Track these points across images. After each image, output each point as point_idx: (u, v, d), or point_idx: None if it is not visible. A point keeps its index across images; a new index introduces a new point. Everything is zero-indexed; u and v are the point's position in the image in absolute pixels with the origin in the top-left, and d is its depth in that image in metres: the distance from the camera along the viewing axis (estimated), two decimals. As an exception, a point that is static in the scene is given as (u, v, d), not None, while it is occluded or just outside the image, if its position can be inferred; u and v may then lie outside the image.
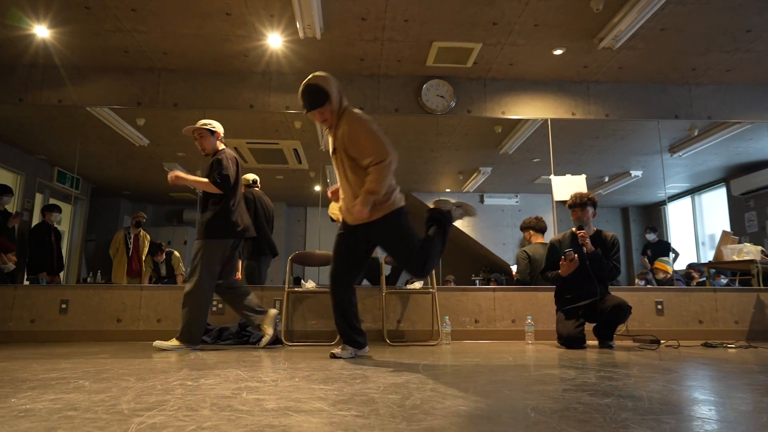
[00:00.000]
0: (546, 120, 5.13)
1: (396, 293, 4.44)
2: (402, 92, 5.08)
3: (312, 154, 5.51)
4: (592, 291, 3.69)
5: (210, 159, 3.57)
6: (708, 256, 5.81)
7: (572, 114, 5.15)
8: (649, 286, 5.02)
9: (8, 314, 4.29)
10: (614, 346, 3.69)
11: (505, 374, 2.12)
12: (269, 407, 1.39)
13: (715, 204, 6.00)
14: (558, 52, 4.68)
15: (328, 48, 4.59)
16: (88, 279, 5.18)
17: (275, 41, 4.49)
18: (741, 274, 5.17)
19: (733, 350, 3.48)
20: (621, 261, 3.81)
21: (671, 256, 5.48)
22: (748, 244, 4.76)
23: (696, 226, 6.06)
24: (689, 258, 5.88)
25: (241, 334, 3.98)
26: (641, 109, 5.17)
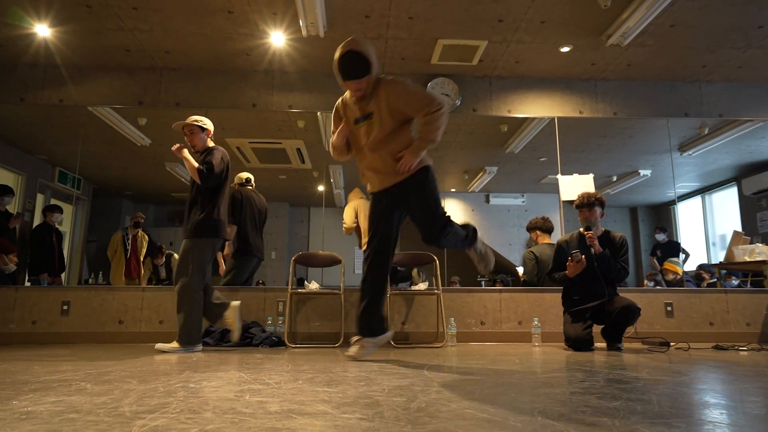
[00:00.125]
0: (553, 118, 5.07)
1: (401, 295, 4.40)
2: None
3: (315, 154, 5.47)
4: (600, 292, 3.66)
5: (199, 156, 3.55)
6: (719, 257, 5.75)
7: (579, 112, 5.09)
8: (659, 288, 4.96)
9: (9, 316, 4.28)
10: (623, 349, 3.66)
11: (512, 377, 2.11)
12: (272, 410, 1.39)
13: (726, 203, 5.92)
14: (565, 50, 4.62)
15: (332, 46, 4.55)
16: (90, 280, 5.16)
17: (278, 39, 4.45)
18: (753, 275, 5.13)
19: (745, 353, 3.44)
20: (630, 262, 3.77)
21: (681, 257, 5.41)
22: (760, 245, 4.70)
23: (706, 226, 5.99)
24: (699, 259, 5.82)
25: (244, 336, 3.95)
26: (650, 107, 5.10)
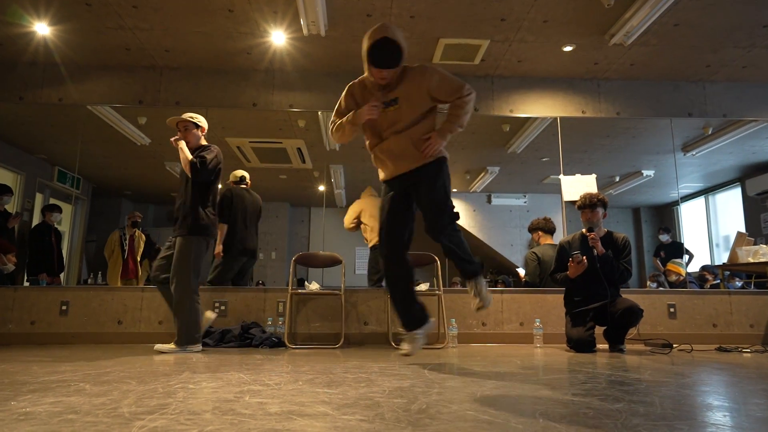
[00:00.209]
0: (555, 118, 5.04)
1: (401, 295, 4.36)
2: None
3: (316, 154, 5.45)
4: (603, 294, 3.64)
5: (193, 152, 3.54)
6: (722, 258, 5.73)
7: (582, 112, 5.06)
8: (662, 289, 4.94)
9: (8, 316, 4.26)
10: (625, 350, 3.64)
11: (513, 378, 2.11)
12: (272, 411, 1.39)
13: (730, 204, 5.90)
14: (568, 49, 4.59)
15: (333, 45, 4.53)
16: (89, 280, 5.15)
17: (279, 38, 4.43)
18: (756, 277, 5.11)
19: (749, 355, 3.42)
20: (632, 263, 3.74)
21: (686, 258, 5.39)
22: (764, 246, 4.67)
23: (710, 227, 5.96)
24: (703, 260, 5.80)
25: (244, 337, 3.94)
26: (653, 107, 5.07)
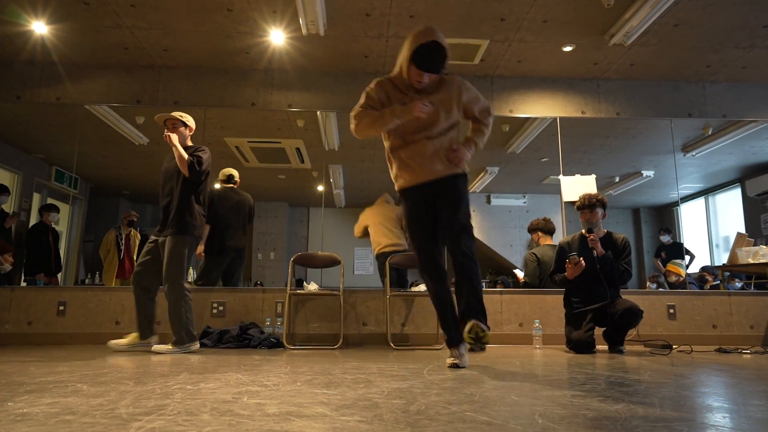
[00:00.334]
0: (555, 118, 5.03)
1: (401, 296, 4.36)
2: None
3: (315, 154, 5.44)
4: (602, 294, 3.63)
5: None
6: (722, 259, 5.73)
7: (582, 112, 5.05)
8: (661, 290, 4.93)
9: (5, 316, 4.24)
10: (625, 351, 3.63)
11: (512, 379, 2.10)
12: (270, 412, 1.38)
13: (730, 205, 5.90)
14: (567, 49, 4.59)
15: (332, 45, 4.51)
16: (87, 280, 5.14)
17: (278, 38, 4.41)
18: (756, 278, 5.11)
19: (748, 356, 3.41)
20: (632, 264, 3.73)
21: (687, 259, 5.39)
22: (764, 247, 4.66)
23: (710, 228, 5.96)
24: (703, 260, 5.81)
25: (242, 337, 3.92)
26: (653, 108, 5.07)
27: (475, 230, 5.41)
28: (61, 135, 4.98)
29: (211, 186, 4.58)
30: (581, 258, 3.61)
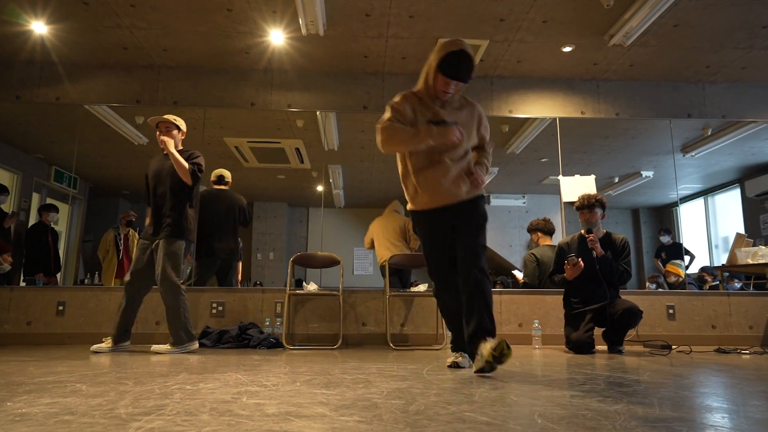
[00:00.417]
0: (554, 119, 5.03)
1: (400, 296, 4.36)
2: (407, 90, 4.98)
3: (314, 154, 5.44)
4: (602, 295, 3.63)
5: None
6: (721, 259, 5.73)
7: (581, 113, 5.05)
8: (661, 290, 4.93)
9: (4, 316, 4.24)
10: (624, 352, 3.64)
11: (512, 380, 2.10)
12: (270, 412, 1.38)
13: (729, 205, 5.90)
14: (567, 49, 4.58)
15: (332, 45, 4.51)
16: (86, 280, 5.12)
17: (277, 38, 4.41)
18: (755, 278, 5.10)
19: (747, 356, 3.41)
20: (632, 264, 3.73)
21: (687, 259, 5.38)
22: (763, 247, 4.66)
23: (709, 228, 5.96)
24: (702, 261, 5.80)
25: (242, 338, 3.92)
26: (653, 108, 5.07)
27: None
28: (61, 135, 4.97)
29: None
30: (580, 259, 3.61)
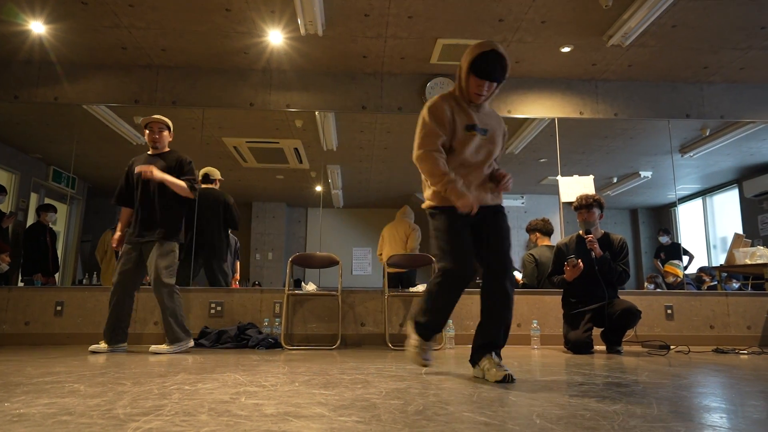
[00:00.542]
0: (553, 119, 5.03)
1: (398, 296, 4.36)
2: (405, 90, 4.99)
3: (313, 154, 5.44)
4: (600, 295, 3.64)
5: (162, 154, 3.63)
6: (719, 260, 5.74)
7: (580, 113, 5.05)
8: (659, 290, 4.93)
9: (2, 316, 4.23)
10: (623, 352, 3.64)
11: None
12: (268, 412, 1.38)
13: (727, 206, 5.91)
14: (566, 50, 4.59)
15: (330, 45, 4.51)
16: (84, 281, 5.11)
17: (276, 38, 4.41)
18: (753, 278, 5.11)
19: (746, 356, 3.42)
20: (630, 264, 3.73)
21: (686, 259, 5.39)
22: (761, 247, 4.67)
23: (707, 229, 5.97)
24: (700, 261, 5.81)
25: (240, 338, 3.92)
26: (651, 108, 5.07)
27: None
28: (59, 135, 4.97)
29: None
30: (580, 260, 3.62)
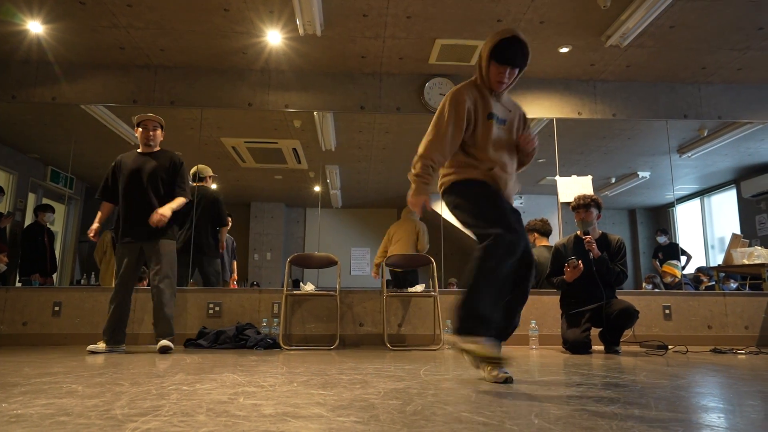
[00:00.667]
0: (551, 119, 5.04)
1: (397, 296, 4.36)
2: (404, 91, 4.99)
3: (311, 154, 5.43)
4: (598, 295, 3.64)
5: (154, 153, 3.68)
6: (717, 260, 5.74)
7: (578, 113, 5.06)
8: (657, 290, 4.94)
9: (0, 317, 4.21)
10: (621, 352, 3.64)
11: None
12: (267, 413, 1.37)
13: (725, 206, 5.92)
14: (564, 50, 4.59)
15: (329, 45, 4.51)
16: (82, 281, 5.10)
17: (274, 38, 4.40)
18: (751, 278, 5.12)
19: (743, 356, 3.42)
20: (628, 264, 3.74)
21: (684, 260, 5.40)
22: (759, 248, 4.68)
23: (705, 229, 5.98)
24: (698, 261, 5.82)
25: (239, 338, 3.91)
26: (649, 109, 5.08)
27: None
28: (57, 135, 4.96)
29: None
30: (580, 261, 3.62)
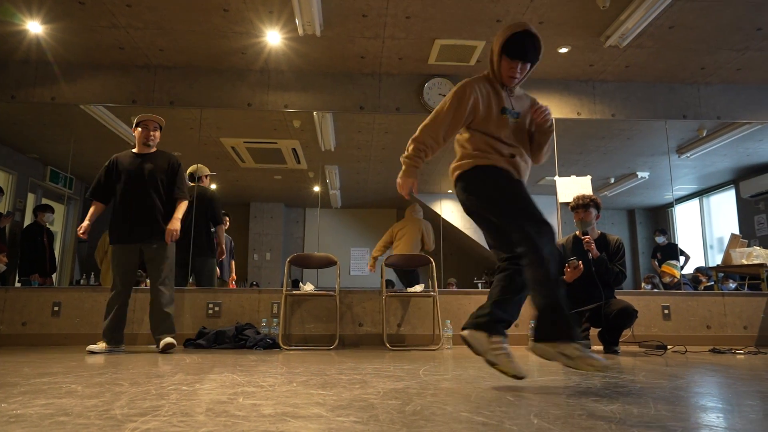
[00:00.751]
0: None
1: (397, 296, 4.36)
2: (403, 91, 4.99)
3: (311, 154, 5.44)
4: (597, 295, 3.64)
5: (151, 154, 3.70)
6: (716, 260, 5.75)
7: (577, 114, 5.06)
8: (656, 290, 4.94)
9: (-1, 317, 4.22)
10: (620, 352, 3.65)
11: (508, 380, 2.10)
12: (266, 413, 1.38)
13: (724, 206, 5.93)
14: (563, 51, 4.59)
15: (328, 45, 4.51)
16: (82, 281, 5.10)
17: (274, 38, 4.41)
18: (750, 278, 5.12)
19: (742, 356, 3.42)
20: (627, 265, 3.74)
21: (682, 260, 5.40)
22: (758, 248, 4.69)
23: (704, 229, 5.99)
24: (697, 261, 5.82)
25: (238, 338, 3.91)
26: (648, 109, 5.08)
27: (471, 230, 5.41)
28: (56, 135, 4.96)
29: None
30: (580, 262, 3.62)
